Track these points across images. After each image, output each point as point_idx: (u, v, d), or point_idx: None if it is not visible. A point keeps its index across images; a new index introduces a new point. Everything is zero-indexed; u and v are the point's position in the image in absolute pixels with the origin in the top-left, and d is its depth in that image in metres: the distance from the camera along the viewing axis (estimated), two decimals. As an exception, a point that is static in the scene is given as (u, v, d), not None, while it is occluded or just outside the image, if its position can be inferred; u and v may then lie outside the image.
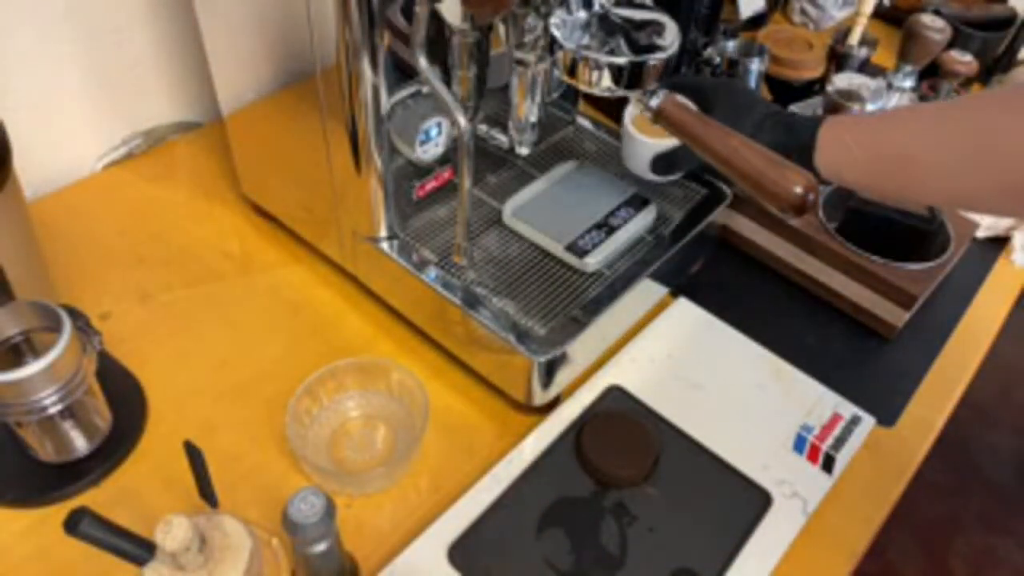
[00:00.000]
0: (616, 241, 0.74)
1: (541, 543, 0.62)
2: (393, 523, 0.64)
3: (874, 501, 0.67)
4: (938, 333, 0.82)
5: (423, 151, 0.71)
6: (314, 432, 0.68)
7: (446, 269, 0.71)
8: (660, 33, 0.59)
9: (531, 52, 0.63)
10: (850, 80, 1.00)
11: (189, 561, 0.51)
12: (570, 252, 0.72)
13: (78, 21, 0.84)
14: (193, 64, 0.96)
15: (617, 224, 0.75)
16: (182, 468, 0.58)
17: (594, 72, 0.58)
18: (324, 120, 0.67)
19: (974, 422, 1.82)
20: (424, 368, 0.75)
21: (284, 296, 0.81)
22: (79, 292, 0.79)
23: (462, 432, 0.70)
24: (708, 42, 1.00)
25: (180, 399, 0.71)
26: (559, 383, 0.70)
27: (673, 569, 0.61)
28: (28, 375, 0.56)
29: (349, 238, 0.75)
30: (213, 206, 0.90)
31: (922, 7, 1.14)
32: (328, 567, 0.55)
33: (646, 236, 0.77)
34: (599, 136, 0.88)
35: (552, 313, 0.69)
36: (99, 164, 0.95)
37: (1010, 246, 0.91)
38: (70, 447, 0.64)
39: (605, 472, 0.65)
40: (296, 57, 0.65)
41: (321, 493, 0.51)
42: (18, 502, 0.63)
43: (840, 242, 0.80)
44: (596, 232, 0.74)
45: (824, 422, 0.72)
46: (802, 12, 1.28)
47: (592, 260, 0.72)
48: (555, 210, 0.76)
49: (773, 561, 0.62)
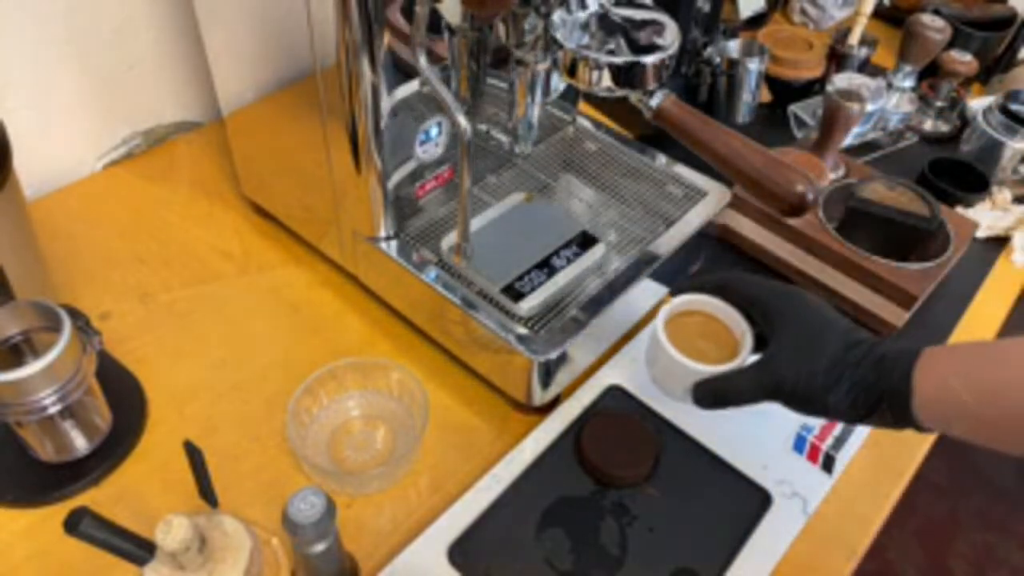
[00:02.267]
0: (556, 283, 0.69)
1: (541, 543, 0.62)
2: (393, 523, 0.64)
3: (874, 501, 0.67)
4: (938, 333, 0.82)
5: (423, 151, 0.71)
6: (314, 432, 0.68)
7: (446, 269, 0.71)
8: (660, 33, 0.59)
9: (531, 52, 0.63)
10: (850, 80, 1.00)
11: (189, 561, 0.51)
12: (506, 295, 0.68)
13: (78, 21, 0.84)
14: (193, 64, 0.96)
15: (560, 265, 0.70)
16: (182, 468, 0.58)
17: (594, 72, 0.58)
18: (324, 120, 0.67)
19: (974, 422, 1.82)
20: (424, 368, 0.75)
21: (284, 296, 0.81)
22: (79, 292, 0.79)
23: (462, 432, 0.70)
24: (708, 42, 1.00)
25: (180, 399, 0.71)
26: (559, 383, 0.70)
27: (673, 569, 0.61)
28: (28, 375, 0.56)
29: (349, 238, 0.75)
30: (213, 206, 0.90)
31: (922, 7, 1.14)
32: (328, 567, 0.55)
33: (592, 277, 0.72)
34: (599, 136, 0.88)
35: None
36: (99, 164, 0.95)
37: (1010, 246, 0.91)
38: (70, 447, 0.64)
39: (605, 472, 0.65)
40: (296, 57, 0.65)
41: (321, 493, 0.51)
42: (18, 502, 0.63)
43: (840, 242, 0.80)
44: (536, 273, 0.69)
45: (824, 422, 0.71)
46: (802, 12, 1.28)
47: (527, 305, 0.67)
48: (496, 246, 0.71)
49: (773, 561, 0.62)
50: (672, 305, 0.66)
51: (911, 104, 1.06)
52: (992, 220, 0.92)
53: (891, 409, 0.52)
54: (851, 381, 0.54)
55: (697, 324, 0.66)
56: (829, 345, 0.55)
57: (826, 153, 0.89)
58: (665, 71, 0.59)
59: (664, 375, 0.66)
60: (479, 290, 0.69)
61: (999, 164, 0.97)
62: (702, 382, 0.61)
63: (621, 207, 0.79)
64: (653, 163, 0.84)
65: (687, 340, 0.64)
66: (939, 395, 0.50)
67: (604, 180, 0.82)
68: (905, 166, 1.00)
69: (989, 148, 0.97)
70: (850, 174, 0.91)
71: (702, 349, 0.64)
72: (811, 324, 0.57)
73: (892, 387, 0.52)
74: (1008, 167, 0.97)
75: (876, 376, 0.53)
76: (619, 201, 0.80)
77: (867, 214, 0.81)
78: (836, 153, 0.90)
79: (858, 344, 0.55)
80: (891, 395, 0.52)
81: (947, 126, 1.08)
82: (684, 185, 0.82)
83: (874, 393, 0.53)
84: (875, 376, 0.53)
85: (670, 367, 0.63)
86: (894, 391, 0.51)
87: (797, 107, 1.05)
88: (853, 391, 0.53)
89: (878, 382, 0.53)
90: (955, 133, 1.07)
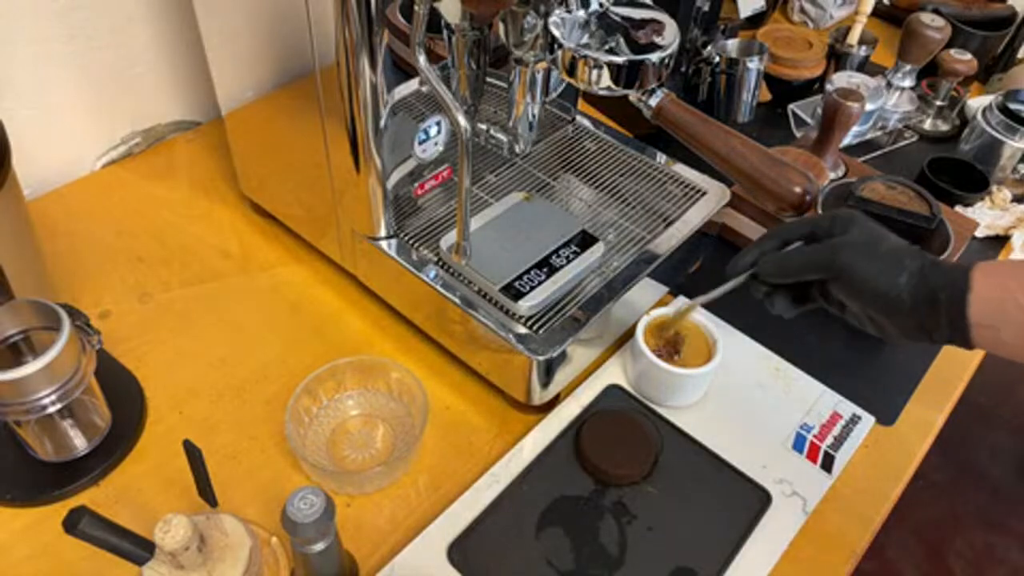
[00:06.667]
0: (555, 283, 0.69)
1: (540, 542, 0.62)
2: (392, 522, 0.64)
3: (873, 500, 0.67)
4: (937, 332, 0.82)
5: (422, 150, 0.71)
6: (313, 431, 0.68)
7: (445, 268, 0.71)
8: (659, 32, 0.59)
9: (530, 51, 0.63)
10: (849, 79, 1.00)
11: (188, 560, 0.51)
12: (506, 294, 0.67)
13: (77, 20, 0.84)
14: (192, 63, 0.96)
15: (559, 264, 0.70)
16: (181, 467, 0.58)
17: (593, 71, 0.58)
18: (323, 119, 0.67)
19: (973, 421, 1.82)
20: (423, 367, 0.75)
21: (283, 295, 0.81)
22: (78, 291, 0.79)
23: (461, 431, 0.70)
24: (707, 41, 1.00)
25: (179, 398, 0.71)
26: (558, 382, 0.70)
27: (672, 568, 0.61)
28: (27, 374, 0.56)
29: (348, 237, 0.75)
30: (212, 205, 0.90)
31: (921, 6, 1.14)
32: (327, 566, 0.55)
33: (591, 276, 0.72)
34: (598, 135, 0.88)
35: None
36: (98, 163, 0.95)
37: (1009, 245, 0.91)
38: (69, 446, 0.64)
39: (604, 471, 0.65)
40: (295, 56, 0.65)
41: (320, 492, 0.51)
42: (17, 501, 0.63)
43: (839, 241, 0.80)
44: (536, 272, 0.69)
45: (823, 421, 0.72)
46: (801, 11, 1.28)
47: (526, 304, 0.67)
48: (495, 245, 0.71)
49: (773, 560, 0.62)
50: (651, 315, 0.72)
51: (910, 103, 1.06)
52: (991, 219, 0.92)
53: (946, 305, 0.51)
54: (911, 269, 0.54)
55: (675, 330, 0.72)
56: (889, 239, 0.56)
57: (825, 152, 0.89)
58: (664, 70, 0.59)
59: (640, 377, 0.72)
60: (478, 289, 0.69)
61: (998, 163, 0.97)
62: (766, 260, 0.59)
63: (620, 206, 0.79)
64: (652, 162, 0.84)
65: (665, 345, 0.71)
66: (995, 294, 0.51)
67: (603, 179, 0.82)
68: (904, 165, 1.00)
69: (988, 147, 0.97)
70: (849, 173, 0.91)
71: (680, 354, 0.71)
72: (873, 230, 0.57)
73: (951, 279, 0.52)
74: (1007, 166, 0.97)
75: (934, 268, 0.53)
76: (618, 200, 0.80)
77: (867, 213, 0.81)
78: (835, 152, 0.90)
79: (917, 251, 0.55)
80: (950, 287, 0.52)
81: (946, 125, 1.08)
82: (683, 184, 0.82)
83: (932, 283, 0.53)
84: (933, 268, 0.53)
85: (648, 370, 0.69)
86: (952, 283, 0.52)
87: (796, 106, 1.05)
88: (912, 278, 0.53)
89: (935, 272, 0.53)
90: (954, 132, 1.07)
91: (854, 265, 0.55)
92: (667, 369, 0.68)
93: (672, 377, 0.68)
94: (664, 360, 0.68)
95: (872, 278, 0.54)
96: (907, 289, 0.53)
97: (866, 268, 0.54)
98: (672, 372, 0.68)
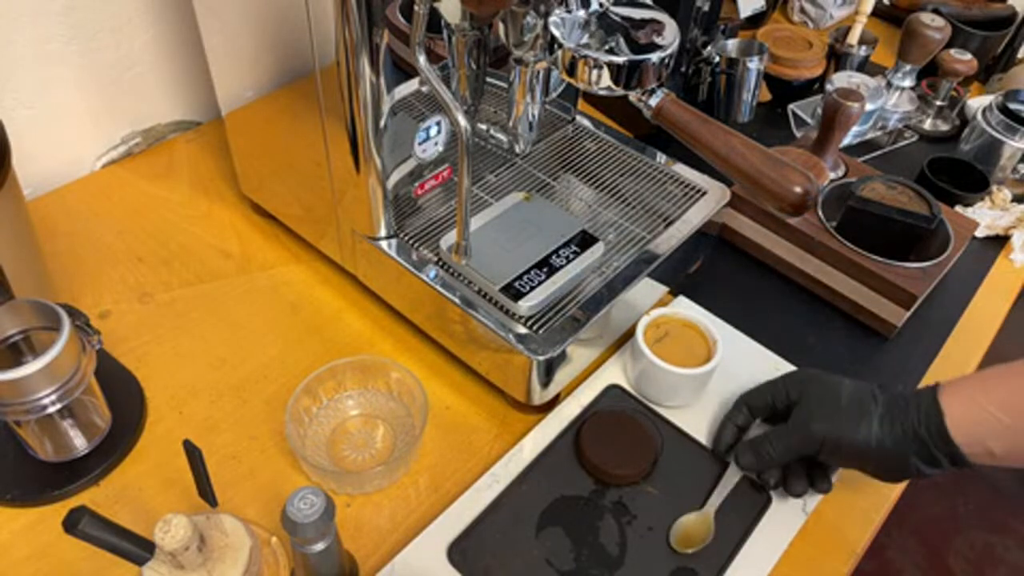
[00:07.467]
0: (555, 282, 0.69)
1: (540, 542, 0.62)
2: (392, 522, 0.64)
3: (873, 500, 0.67)
4: (938, 332, 0.82)
5: (422, 150, 0.71)
6: (313, 431, 0.68)
7: (445, 268, 0.71)
8: (659, 32, 0.59)
9: (530, 51, 0.63)
10: (849, 79, 1.00)
11: (188, 560, 0.51)
12: (506, 294, 0.67)
13: (77, 20, 0.84)
14: (192, 63, 0.96)
15: (559, 264, 0.70)
16: (181, 467, 0.58)
17: (593, 71, 0.58)
18: (323, 119, 0.67)
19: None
20: (423, 367, 0.75)
21: (283, 295, 0.81)
22: (78, 291, 0.79)
23: (461, 431, 0.70)
24: (707, 41, 1.00)
25: (179, 398, 0.71)
26: (558, 382, 0.70)
27: (673, 568, 0.61)
28: (27, 374, 0.56)
29: (348, 237, 0.75)
30: (212, 205, 0.90)
31: (921, 6, 1.14)
32: (327, 566, 0.55)
33: (591, 276, 0.72)
34: (598, 135, 0.87)
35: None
36: (98, 163, 0.95)
37: (1009, 245, 0.91)
38: (69, 446, 0.64)
39: (604, 471, 0.65)
40: (295, 56, 0.65)
41: (320, 492, 0.51)
42: (17, 501, 0.63)
43: (840, 241, 0.80)
44: (536, 272, 0.69)
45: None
46: (801, 11, 1.28)
47: (526, 304, 0.67)
48: (495, 245, 0.71)
49: (772, 560, 0.62)
50: (651, 315, 0.73)
51: (910, 103, 1.06)
52: (991, 219, 0.92)
53: (933, 440, 0.53)
54: (879, 413, 0.57)
55: (675, 330, 0.74)
56: (844, 386, 0.60)
57: (825, 152, 0.89)
58: (664, 70, 0.58)
59: (640, 377, 0.72)
60: (478, 289, 0.69)
61: (998, 163, 0.97)
62: (741, 450, 0.65)
63: (620, 206, 0.79)
64: (652, 162, 0.84)
65: (665, 346, 0.72)
66: (968, 412, 0.52)
67: (603, 179, 0.82)
68: (904, 165, 1.00)
69: (988, 147, 0.97)
70: (849, 173, 0.91)
71: (678, 354, 0.71)
72: (828, 382, 0.61)
73: (923, 409, 0.54)
74: (1007, 166, 0.97)
75: (903, 403, 0.56)
76: (618, 200, 0.80)
77: (867, 213, 0.81)
78: (835, 152, 0.90)
79: (874, 389, 0.59)
80: (926, 420, 0.54)
81: (946, 125, 1.08)
82: (683, 184, 0.82)
83: (906, 419, 0.55)
84: (902, 403, 0.56)
85: (648, 370, 0.70)
86: (926, 413, 0.54)
87: (796, 106, 1.05)
88: (883, 421, 0.56)
89: (907, 408, 0.55)
90: (954, 132, 1.07)
91: (828, 432, 0.59)
92: (667, 369, 0.68)
93: (672, 377, 0.69)
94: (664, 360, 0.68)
95: (848, 435, 0.57)
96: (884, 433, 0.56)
97: (836, 431, 0.58)
98: (672, 372, 0.68)
